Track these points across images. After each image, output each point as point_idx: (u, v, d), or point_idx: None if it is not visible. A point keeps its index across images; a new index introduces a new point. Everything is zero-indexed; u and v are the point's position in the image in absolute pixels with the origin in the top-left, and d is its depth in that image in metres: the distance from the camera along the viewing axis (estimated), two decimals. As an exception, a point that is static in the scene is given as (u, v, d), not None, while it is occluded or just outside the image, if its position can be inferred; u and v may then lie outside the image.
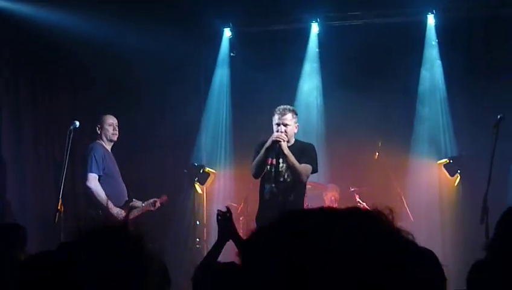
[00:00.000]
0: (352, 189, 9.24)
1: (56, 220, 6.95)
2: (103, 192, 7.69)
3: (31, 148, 8.91)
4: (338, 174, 9.39)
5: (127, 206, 7.84)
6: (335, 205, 9.07)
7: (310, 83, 9.89)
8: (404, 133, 9.37)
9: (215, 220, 5.12)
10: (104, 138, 8.03)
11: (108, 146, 8.07)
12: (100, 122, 8.04)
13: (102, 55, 9.13)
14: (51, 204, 7.55)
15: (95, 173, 7.74)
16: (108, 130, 8.01)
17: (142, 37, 9.03)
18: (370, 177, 9.22)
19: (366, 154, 9.23)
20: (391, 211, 2.09)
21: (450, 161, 9.16)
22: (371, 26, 9.43)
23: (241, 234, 8.84)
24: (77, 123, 7.49)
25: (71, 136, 7.41)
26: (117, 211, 7.67)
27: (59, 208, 7.01)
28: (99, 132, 8.02)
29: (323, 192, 9.23)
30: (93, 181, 7.68)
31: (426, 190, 9.29)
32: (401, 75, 9.43)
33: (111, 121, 8.06)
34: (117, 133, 8.08)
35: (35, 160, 8.90)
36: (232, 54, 10.00)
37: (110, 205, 7.65)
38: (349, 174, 9.46)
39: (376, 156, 9.18)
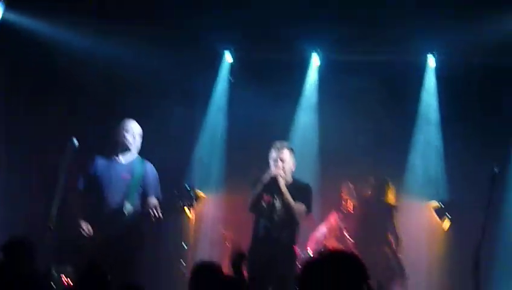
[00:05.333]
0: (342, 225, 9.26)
1: (47, 238, 6.88)
2: (77, 209, 7.43)
3: (23, 162, 8.90)
4: (331, 208, 9.38)
5: (109, 226, 7.40)
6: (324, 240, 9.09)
7: (307, 116, 9.93)
8: (398, 172, 9.42)
9: (202, 244, 5.23)
10: (119, 148, 7.63)
11: (122, 157, 7.63)
12: (118, 128, 7.65)
13: (101, 73, 9.15)
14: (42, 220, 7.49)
15: (75, 189, 7.48)
16: (125, 138, 7.61)
17: (141, 56, 9.05)
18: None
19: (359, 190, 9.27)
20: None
21: (441, 205, 9.22)
22: (371, 62, 9.50)
23: (226, 262, 9.00)
24: (75, 141, 7.07)
25: (69, 153, 7.15)
26: (87, 229, 7.37)
27: (50, 225, 6.95)
28: (115, 139, 7.63)
29: (316, 226, 9.21)
30: (69, 196, 7.32)
31: (414, 230, 9.33)
32: (397, 114, 9.51)
33: (130, 127, 7.66)
34: (136, 141, 7.66)
35: (26, 173, 8.88)
36: (231, 79, 10.02)
37: (81, 222, 7.37)
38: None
39: (368, 193, 9.21)
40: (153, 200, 7.68)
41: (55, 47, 8.61)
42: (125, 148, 7.67)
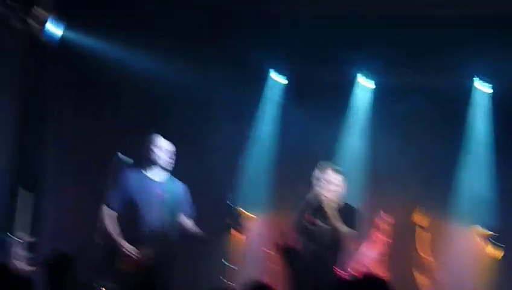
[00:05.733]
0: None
1: (94, 253, 6.96)
2: (115, 228, 7.40)
3: (73, 175, 9.03)
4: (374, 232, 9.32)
5: (150, 243, 7.43)
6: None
7: (355, 138, 9.86)
8: (447, 196, 9.29)
9: (250, 265, 5.24)
10: (152, 164, 7.59)
11: (154, 174, 7.60)
12: (151, 145, 7.59)
13: (146, 90, 9.23)
14: (90, 235, 7.56)
15: (106, 206, 7.41)
16: (159, 156, 7.56)
17: (188, 74, 9.11)
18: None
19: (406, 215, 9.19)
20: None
21: (490, 232, 9.04)
22: (419, 86, 9.44)
23: (271, 283, 8.95)
24: (121, 156, 7.31)
25: (115, 168, 7.32)
26: (127, 247, 7.33)
27: (98, 240, 7.03)
28: (147, 155, 7.59)
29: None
30: (101, 215, 7.36)
31: (461, 256, 9.18)
32: (447, 137, 9.42)
33: (164, 145, 7.63)
34: (171, 160, 7.62)
35: (76, 187, 9.00)
36: (278, 100, 10.03)
37: (120, 240, 7.36)
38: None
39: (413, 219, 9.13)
40: (190, 222, 7.73)
41: (107, 63, 8.73)
42: (156, 165, 7.63)
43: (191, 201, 7.90)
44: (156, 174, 7.65)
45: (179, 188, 7.79)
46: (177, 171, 8.31)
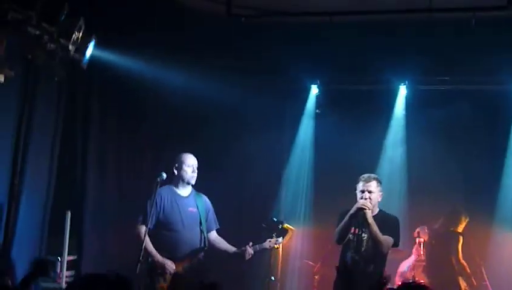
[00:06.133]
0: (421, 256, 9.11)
1: (138, 270, 6.98)
2: (150, 244, 7.47)
3: (114, 191, 9.09)
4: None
5: (188, 259, 7.59)
6: (410, 272, 8.96)
7: (394, 145, 9.79)
8: (489, 201, 9.17)
9: (290, 277, 5.20)
10: (180, 180, 7.76)
11: (183, 190, 7.78)
12: (178, 162, 7.76)
13: (187, 102, 9.27)
14: (133, 252, 7.61)
15: (143, 224, 7.47)
16: (187, 172, 7.74)
17: (226, 89, 9.13)
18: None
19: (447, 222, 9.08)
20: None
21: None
22: (459, 93, 9.34)
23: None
24: (164, 175, 7.40)
25: (157, 186, 7.40)
26: (167, 263, 7.45)
27: (141, 258, 7.06)
28: (176, 172, 7.74)
29: (403, 258, 9.12)
30: (139, 233, 7.43)
31: (509, 263, 9.06)
32: (487, 144, 9.32)
33: (191, 162, 7.77)
34: (195, 176, 7.77)
35: (118, 203, 9.05)
36: (317, 111, 10.01)
37: (158, 257, 7.47)
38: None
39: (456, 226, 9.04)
40: (218, 236, 7.90)
41: (141, 80, 8.81)
42: (186, 182, 7.78)
43: (214, 213, 8.01)
44: (184, 190, 7.83)
45: (206, 201, 7.94)
46: (215, 186, 8.37)
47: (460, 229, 9.01)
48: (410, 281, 8.49)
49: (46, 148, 8.12)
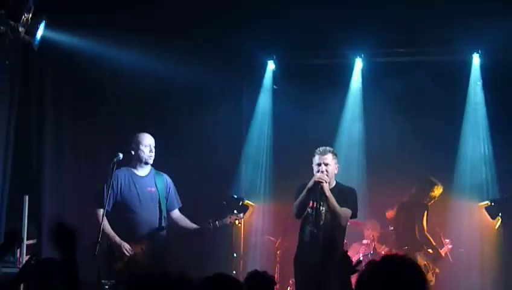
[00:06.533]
0: (392, 228, 9.20)
1: (96, 251, 6.93)
2: (108, 226, 7.39)
3: (72, 175, 9.01)
4: (378, 211, 9.33)
5: (147, 239, 7.48)
6: (373, 243, 9.06)
7: (352, 118, 9.85)
8: (446, 173, 9.28)
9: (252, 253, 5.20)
10: (138, 161, 7.64)
11: (141, 170, 7.67)
12: (135, 142, 7.65)
13: (143, 81, 9.21)
14: (91, 233, 7.56)
15: (100, 207, 7.37)
16: (144, 152, 7.62)
17: (183, 67, 9.08)
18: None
19: (407, 191, 9.15)
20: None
21: (491, 204, 9.08)
22: (415, 63, 9.40)
23: (277, 269, 8.98)
24: (121, 155, 7.27)
25: (114, 168, 7.28)
26: (123, 245, 7.37)
27: (99, 239, 7.00)
28: (133, 153, 7.63)
29: (363, 229, 9.22)
30: (96, 216, 7.33)
31: (466, 231, 9.19)
32: (443, 114, 9.38)
33: (148, 141, 7.66)
34: (153, 155, 7.67)
35: (75, 187, 8.98)
36: (274, 87, 10.02)
37: (116, 239, 7.39)
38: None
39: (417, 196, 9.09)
40: (180, 214, 7.80)
41: (96, 58, 8.71)
42: (143, 162, 7.68)
43: (176, 191, 7.91)
44: (142, 170, 7.72)
45: (166, 180, 7.83)
46: (174, 164, 8.33)
47: (428, 201, 8.97)
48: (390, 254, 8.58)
49: (0, 134, 8.00)
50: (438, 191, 8.86)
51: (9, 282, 5.21)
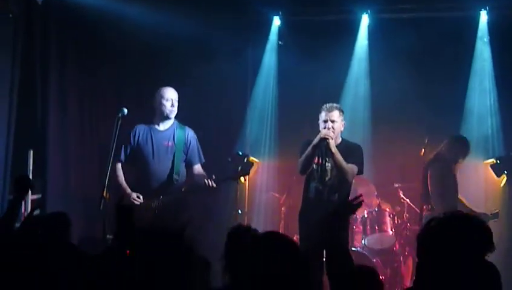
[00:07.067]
0: (396, 185, 9.18)
1: (101, 207, 6.94)
2: (121, 177, 7.58)
3: (76, 131, 8.97)
4: (383, 169, 9.30)
5: (157, 192, 7.55)
6: (375, 200, 8.99)
7: (358, 75, 9.78)
8: (452, 131, 9.21)
9: (257, 210, 5.15)
10: (159, 115, 7.68)
11: (161, 124, 7.71)
12: (158, 96, 7.68)
13: (148, 36, 9.12)
14: (96, 189, 7.57)
15: (116, 158, 7.47)
16: (165, 106, 7.65)
17: (188, 22, 9.00)
18: (415, 174, 9.03)
19: (412, 149, 9.10)
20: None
21: (497, 161, 9.05)
22: (422, 20, 9.29)
23: (281, 225, 8.99)
24: (125, 110, 7.25)
25: (119, 123, 7.23)
26: (132, 196, 7.45)
27: (104, 194, 7.00)
28: (155, 107, 7.68)
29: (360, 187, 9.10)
30: (111, 167, 7.22)
31: (472, 189, 9.13)
32: (450, 71, 9.31)
33: (169, 95, 7.67)
34: (175, 109, 7.69)
35: (80, 143, 8.96)
36: (280, 43, 9.94)
37: (127, 190, 7.52)
38: (394, 170, 9.39)
39: (422, 153, 9.01)
40: (200, 170, 7.77)
41: (99, 15, 8.64)
42: (165, 116, 7.71)
43: (199, 146, 7.93)
44: (163, 124, 7.76)
45: (187, 135, 7.85)
46: (183, 118, 8.30)
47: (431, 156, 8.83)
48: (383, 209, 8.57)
49: (4, 88, 7.95)
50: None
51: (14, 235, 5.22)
